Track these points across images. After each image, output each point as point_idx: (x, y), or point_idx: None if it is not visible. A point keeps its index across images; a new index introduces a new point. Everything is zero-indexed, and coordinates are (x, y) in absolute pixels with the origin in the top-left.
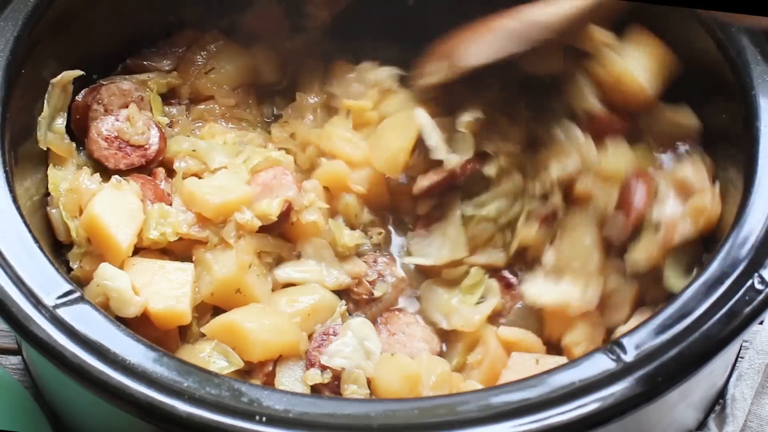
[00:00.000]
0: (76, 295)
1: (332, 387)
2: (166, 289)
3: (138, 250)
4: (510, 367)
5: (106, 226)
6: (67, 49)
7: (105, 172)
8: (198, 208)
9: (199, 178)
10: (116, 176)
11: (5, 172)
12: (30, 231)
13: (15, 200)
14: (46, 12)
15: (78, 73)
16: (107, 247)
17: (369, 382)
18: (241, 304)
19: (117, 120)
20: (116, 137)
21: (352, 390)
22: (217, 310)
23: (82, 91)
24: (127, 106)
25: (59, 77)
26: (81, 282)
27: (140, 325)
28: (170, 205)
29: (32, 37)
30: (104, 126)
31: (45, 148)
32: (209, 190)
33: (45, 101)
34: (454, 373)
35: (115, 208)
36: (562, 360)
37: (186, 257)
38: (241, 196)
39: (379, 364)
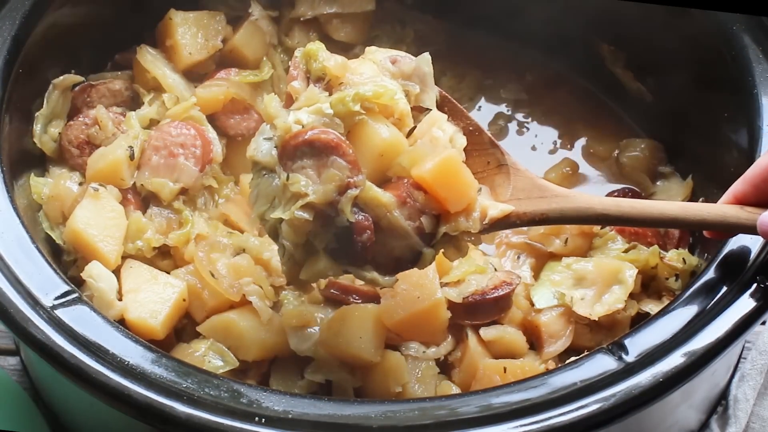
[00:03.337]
0: (74, 295)
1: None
2: (147, 301)
3: None
4: (478, 380)
5: (91, 241)
6: (66, 49)
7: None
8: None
9: None
10: (93, 184)
11: (2, 171)
12: (27, 231)
13: (13, 200)
14: (45, 11)
15: (79, 78)
16: (95, 259)
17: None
18: None
19: (85, 124)
20: (87, 142)
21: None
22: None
23: (72, 92)
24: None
25: (60, 78)
26: (79, 282)
27: None
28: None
29: (30, 37)
30: (73, 133)
31: (40, 147)
32: (95, 157)
33: (45, 99)
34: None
35: (97, 221)
36: (531, 364)
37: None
38: (112, 162)
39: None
